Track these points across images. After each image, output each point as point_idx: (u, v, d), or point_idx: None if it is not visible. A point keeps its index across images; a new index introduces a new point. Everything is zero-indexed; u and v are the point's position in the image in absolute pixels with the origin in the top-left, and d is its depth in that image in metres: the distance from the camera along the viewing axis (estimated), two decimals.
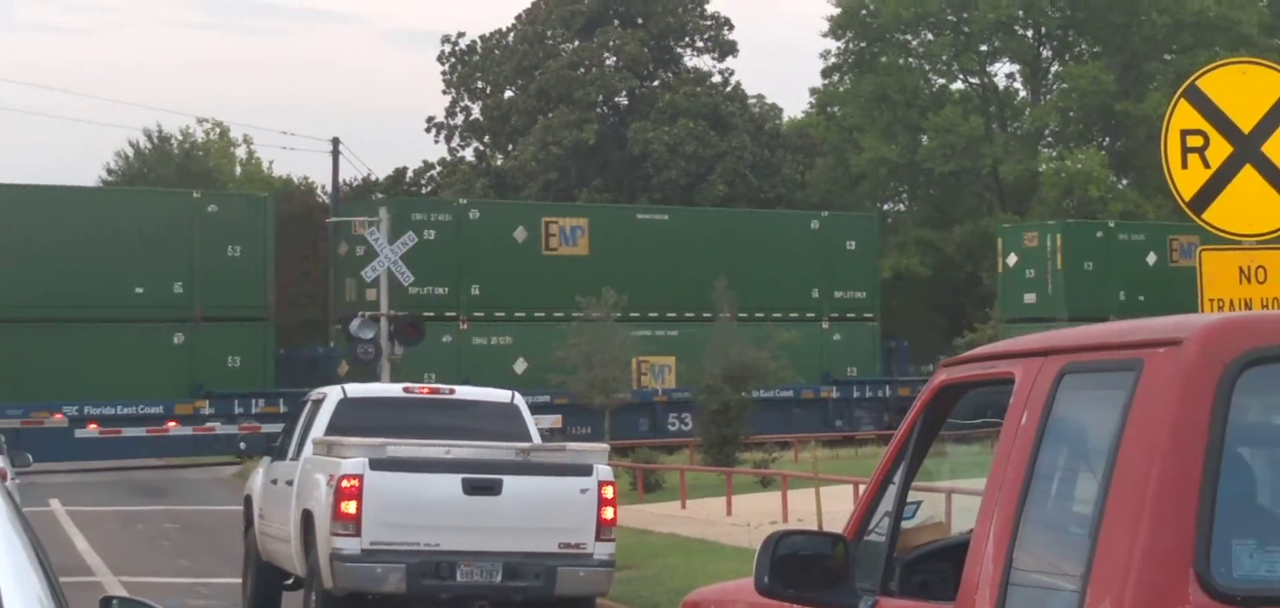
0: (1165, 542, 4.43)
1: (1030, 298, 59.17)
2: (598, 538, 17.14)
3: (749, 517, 30.20)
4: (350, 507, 16.54)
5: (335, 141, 65.44)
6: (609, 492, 17.30)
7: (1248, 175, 11.47)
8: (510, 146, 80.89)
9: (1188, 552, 4.41)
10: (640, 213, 60.19)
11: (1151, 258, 59.73)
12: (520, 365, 51.74)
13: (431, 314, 50.18)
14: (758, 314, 52.72)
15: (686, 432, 51.44)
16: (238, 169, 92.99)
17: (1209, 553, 4.41)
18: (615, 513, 17.49)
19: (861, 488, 7.21)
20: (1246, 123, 11.47)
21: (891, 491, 6.25)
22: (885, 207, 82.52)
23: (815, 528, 19.10)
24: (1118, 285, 58.74)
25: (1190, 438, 4.48)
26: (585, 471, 17.26)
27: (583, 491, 17.13)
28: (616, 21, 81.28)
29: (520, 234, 54.11)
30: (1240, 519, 4.53)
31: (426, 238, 50.16)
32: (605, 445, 19.17)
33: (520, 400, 19.45)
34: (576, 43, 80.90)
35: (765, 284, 55.12)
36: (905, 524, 6.35)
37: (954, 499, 12.16)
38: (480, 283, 52.88)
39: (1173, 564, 4.41)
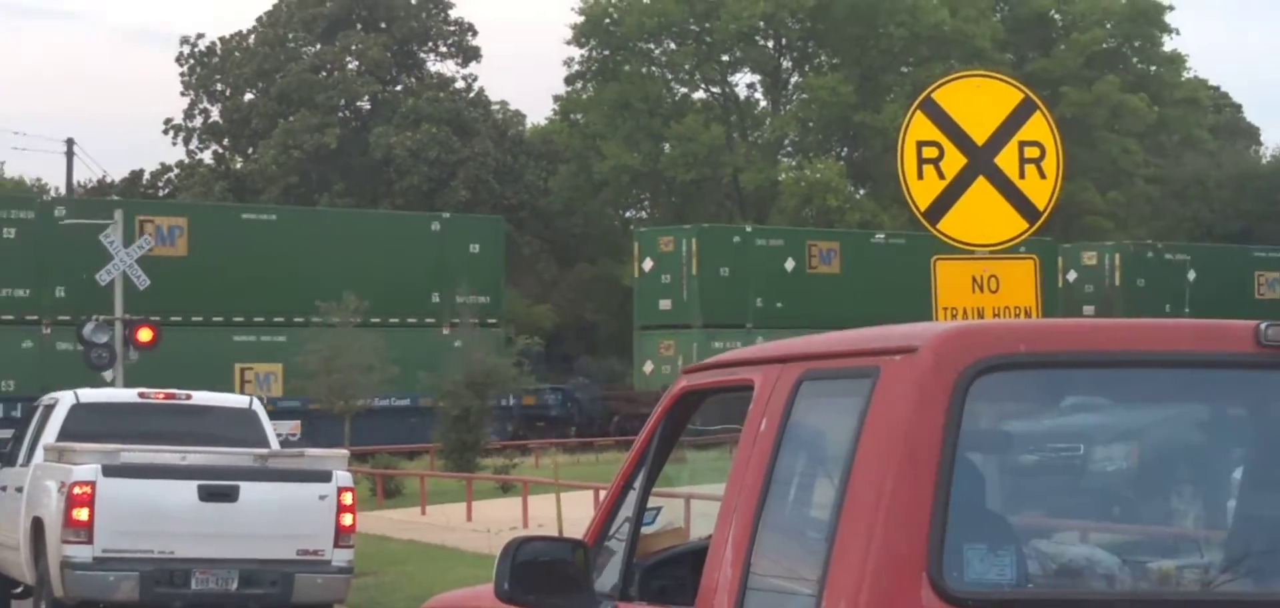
0: (899, 547, 4.48)
1: (665, 304, 58.26)
2: (336, 545, 16.99)
3: (489, 523, 30.13)
4: (82, 514, 16.20)
5: (69, 143, 64.10)
6: (348, 498, 17.16)
7: (981, 186, 11.67)
8: (250, 150, 79.82)
9: (921, 556, 4.46)
10: (246, 213, 57.88)
11: (790, 264, 59.36)
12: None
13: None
14: (373, 319, 50.54)
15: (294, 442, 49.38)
16: None
17: (941, 557, 4.47)
18: (354, 520, 17.36)
19: (602, 494, 7.21)
20: (980, 135, 11.68)
21: (632, 496, 6.24)
22: (628, 214, 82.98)
23: (556, 534, 19.08)
24: (754, 291, 58.19)
25: (924, 445, 4.53)
26: (324, 477, 17.10)
27: (321, 497, 16.97)
28: (359, 25, 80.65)
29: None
30: (972, 524, 4.60)
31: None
32: (344, 451, 19.01)
33: (258, 406, 19.20)
34: (318, 46, 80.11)
35: (383, 287, 52.83)
36: (645, 530, 6.35)
37: (693, 505, 12.22)
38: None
39: (906, 569, 4.46)
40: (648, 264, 59.21)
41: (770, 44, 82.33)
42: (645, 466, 6.21)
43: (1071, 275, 62.33)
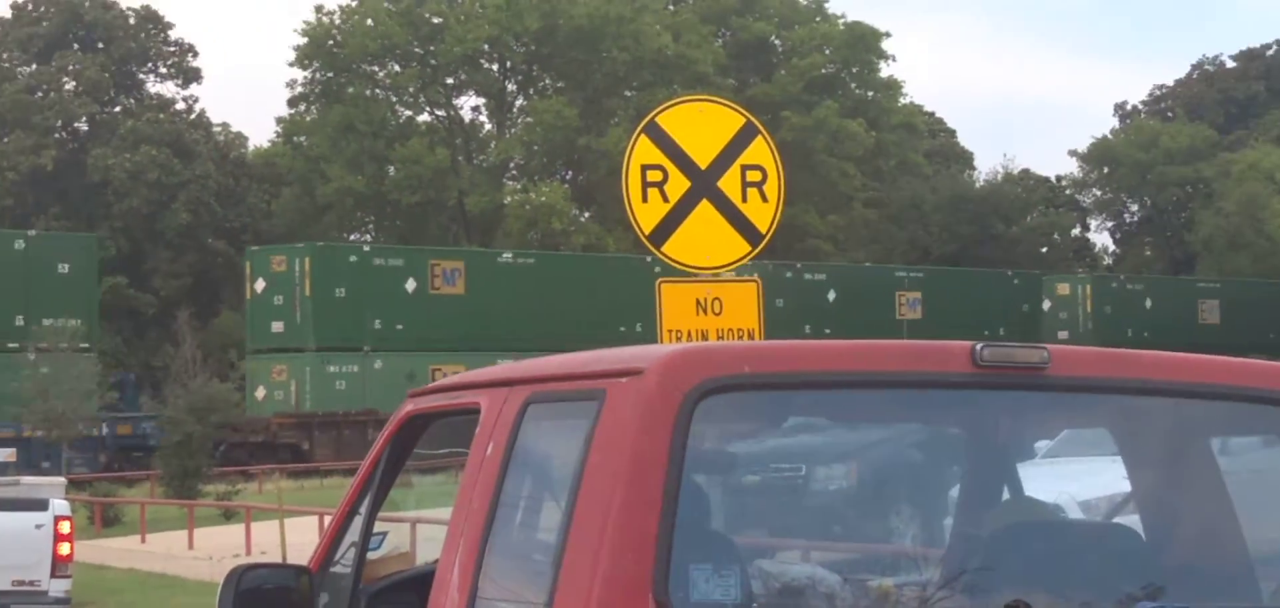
0: (625, 568, 4.49)
1: (278, 326, 55.76)
2: (53, 574, 16.61)
3: (212, 550, 29.64)
4: None
5: None
6: (65, 527, 16.77)
7: (705, 210, 11.76)
8: None
9: (647, 578, 4.47)
10: None
11: (411, 284, 57.39)
12: None
13: None
14: None
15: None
16: None
17: (667, 578, 4.48)
18: (72, 549, 16.96)
19: (327, 520, 7.13)
20: (703, 159, 11.76)
21: (357, 521, 6.18)
22: (352, 237, 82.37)
23: (279, 561, 18.82)
24: (373, 312, 56.15)
25: (650, 466, 4.54)
26: (40, 505, 16.69)
27: (37, 526, 16.56)
28: (76, 46, 78.96)
29: None
30: (697, 545, 4.62)
31: None
32: (62, 479, 18.58)
33: None
34: (34, 66, 78.27)
35: None
36: (371, 555, 6.29)
37: (420, 530, 12.15)
38: None
39: (632, 590, 4.46)
40: (260, 285, 56.31)
41: (495, 67, 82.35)
42: (371, 490, 6.15)
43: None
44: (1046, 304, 70.23)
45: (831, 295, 66.41)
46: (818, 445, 5.28)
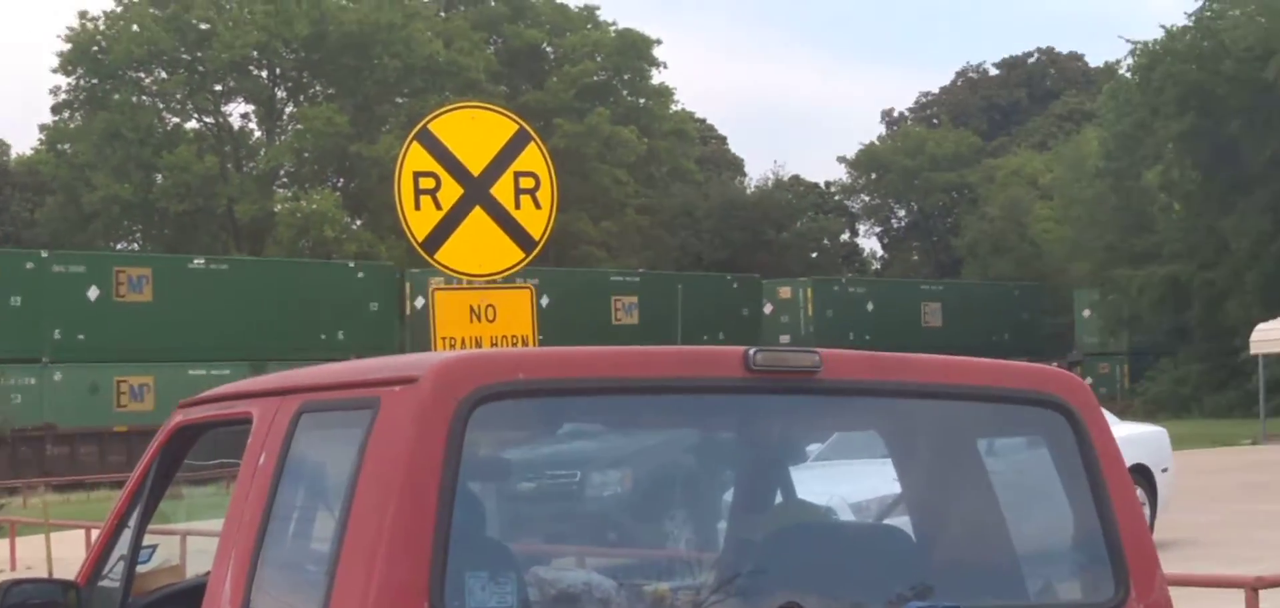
0: (400, 577, 4.47)
1: None
2: None
3: None
4: None
5: None
6: None
7: (478, 217, 11.75)
8: None
9: (423, 586, 4.45)
10: None
11: (93, 292, 54.94)
12: None
13: None
14: None
15: None
16: None
17: (443, 586, 4.47)
18: None
19: (95, 533, 7.01)
20: (476, 166, 11.75)
21: (127, 534, 6.08)
22: (119, 246, 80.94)
23: (46, 576, 18.44)
24: (53, 321, 53.57)
25: (425, 474, 4.52)
26: None
27: None
28: None
29: None
30: (473, 552, 4.63)
31: None
32: None
33: None
34: None
35: None
36: (141, 568, 6.21)
37: (190, 541, 11.98)
38: None
39: (407, 598, 4.45)
40: None
41: (264, 74, 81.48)
42: (140, 502, 6.05)
43: (419, 302, 60.86)
44: (768, 308, 70.00)
45: (546, 300, 66.67)
46: (593, 452, 5.32)
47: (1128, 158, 77.10)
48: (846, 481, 5.75)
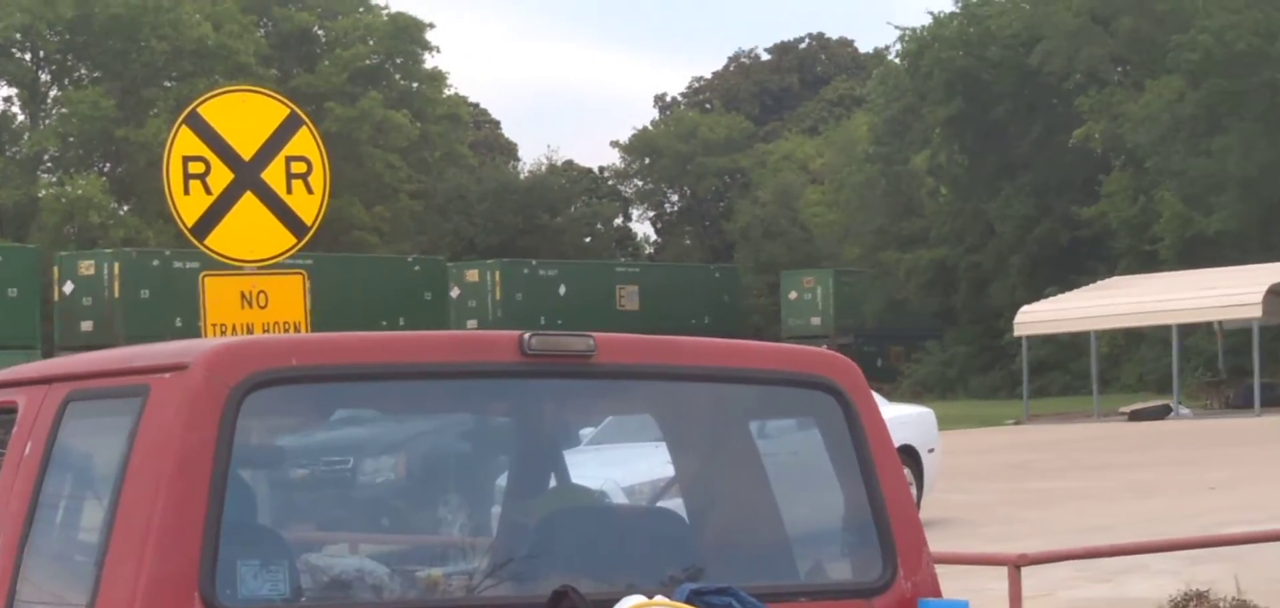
0: (171, 566, 4.44)
1: None
2: None
3: None
4: None
5: None
6: None
7: (248, 202, 11.63)
8: None
9: (193, 575, 4.43)
10: None
11: None
12: None
13: None
14: None
15: None
16: None
17: (214, 574, 4.46)
18: None
19: None
20: (247, 150, 11.63)
21: None
22: None
23: None
24: None
25: (196, 463, 4.50)
26: None
27: None
28: None
29: None
30: (245, 540, 4.60)
31: None
32: None
33: None
34: None
35: None
36: None
37: None
38: None
39: (177, 587, 4.42)
40: None
41: (27, 57, 79.70)
42: None
43: (68, 287, 59.62)
44: (455, 291, 68.05)
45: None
46: (367, 437, 5.37)
47: (896, 143, 78.34)
48: (620, 464, 5.81)
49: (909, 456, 22.89)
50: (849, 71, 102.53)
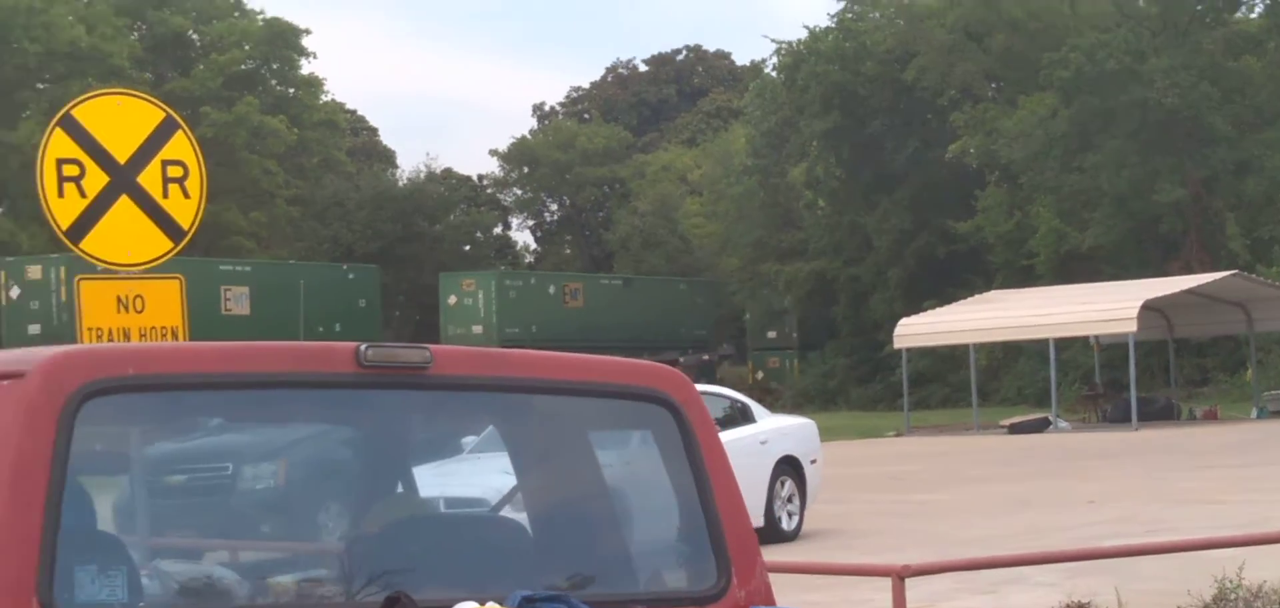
0: (7, 572, 4.47)
1: None
2: None
3: None
4: None
5: None
6: None
7: (124, 205, 11.50)
8: None
9: (31, 581, 4.46)
10: None
11: None
12: None
13: None
14: None
15: None
16: None
17: (52, 581, 4.49)
18: None
19: None
20: (122, 153, 11.52)
21: None
22: None
23: None
24: None
25: (33, 469, 4.53)
26: None
27: None
28: None
29: None
30: (83, 547, 4.64)
31: None
32: None
33: None
34: None
35: None
36: None
37: None
38: None
39: (15, 594, 4.46)
40: None
41: None
42: None
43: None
44: (15, 292, 64.48)
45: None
46: (207, 447, 5.31)
47: (774, 155, 78.67)
48: (461, 475, 5.87)
49: (791, 467, 22.94)
50: (726, 84, 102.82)
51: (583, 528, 5.38)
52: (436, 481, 5.79)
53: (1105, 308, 50.67)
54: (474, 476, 5.79)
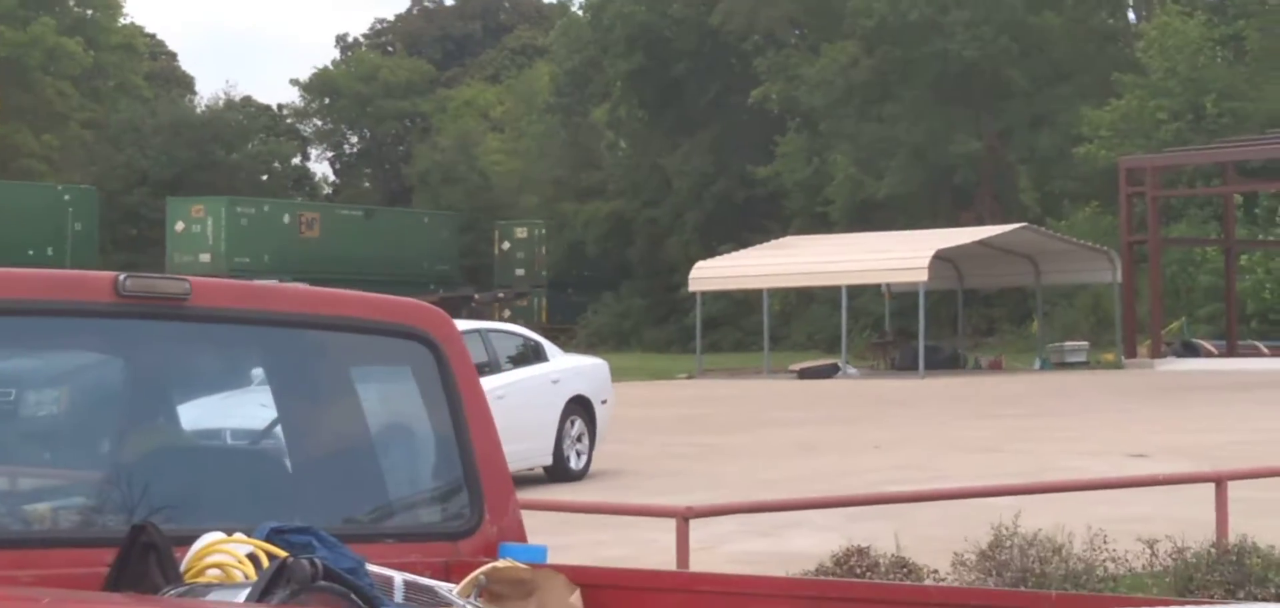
0: None
1: None
2: None
3: None
4: None
5: None
6: None
7: None
8: None
9: None
10: None
11: None
12: None
13: None
14: None
15: None
16: None
17: None
18: None
19: None
20: None
21: None
22: None
23: None
24: None
25: None
26: None
27: None
28: None
29: None
30: None
31: None
32: None
33: None
34: None
35: None
36: None
37: None
38: None
39: None
40: None
41: None
42: None
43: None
44: None
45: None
46: None
47: (577, 94, 78.53)
48: (222, 407, 5.71)
49: (582, 406, 22.93)
50: (532, 21, 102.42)
51: (340, 464, 5.39)
52: (199, 414, 5.61)
53: (898, 257, 51.26)
54: (237, 409, 5.61)
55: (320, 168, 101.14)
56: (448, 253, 75.75)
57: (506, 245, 75.22)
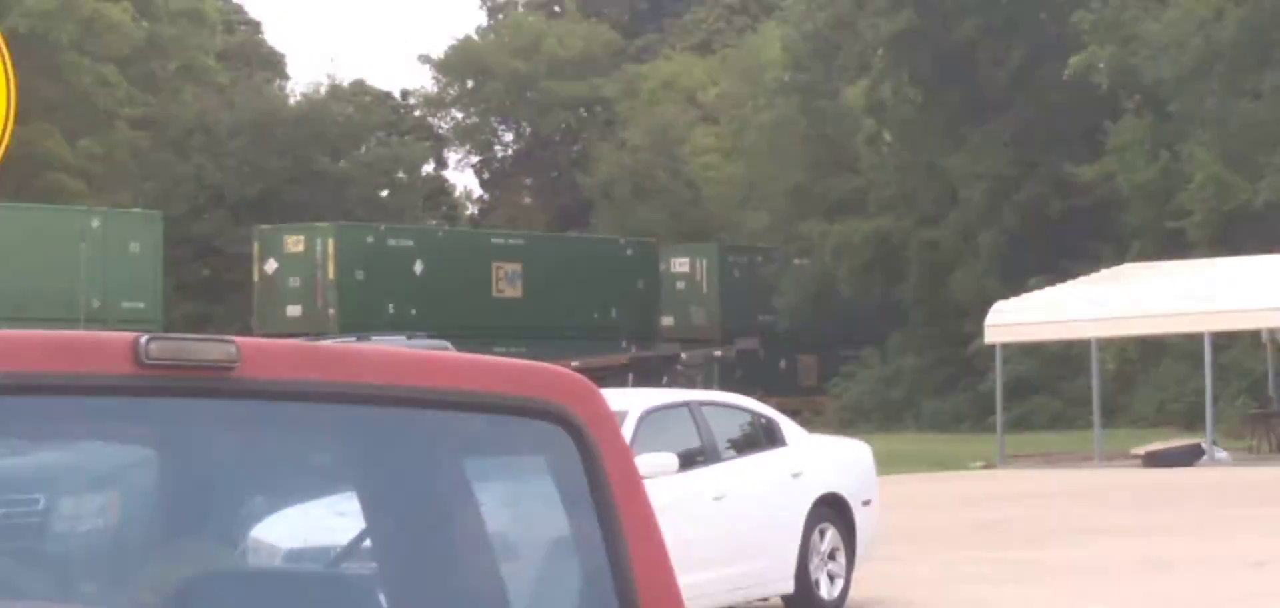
0: None
1: None
2: None
3: None
4: None
5: None
6: None
7: None
8: None
9: None
10: None
11: None
12: None
13: None
14: None
15: None
16: None
17: None
18: None
19: None
20: None
21: None
22: None
23: None
24: None
25: None
26: None
27: None
28: None
29: None
30: None
31: None
32: None
33: None
34: None
35: None
36: None
37: None
38: None
39: None
40: None
41: None
42: None
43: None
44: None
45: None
46: None
47: (822, 68, 78.50)
48: (285, 514, 5.68)
49: (836, 509, 22.97)
50: None
51: (452, 590, 5.43)
52: (255, 528, 5.64)
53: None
54: (307, 521, 5.58)
55: (463, 178, 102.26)
56: (647, 294, 75.41)
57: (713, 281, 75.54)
